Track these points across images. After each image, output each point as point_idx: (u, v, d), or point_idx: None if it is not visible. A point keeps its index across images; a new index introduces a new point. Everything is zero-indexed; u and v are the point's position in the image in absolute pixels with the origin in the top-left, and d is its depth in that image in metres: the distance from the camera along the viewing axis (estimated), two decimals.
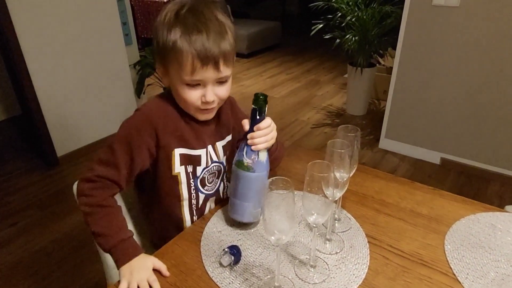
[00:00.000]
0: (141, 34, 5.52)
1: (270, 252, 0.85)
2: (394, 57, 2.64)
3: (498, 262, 0.82)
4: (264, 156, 0.87)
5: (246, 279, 0.78)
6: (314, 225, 0.74)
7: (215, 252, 0.85)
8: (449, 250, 0.85)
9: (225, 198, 1.08)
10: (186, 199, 0.99)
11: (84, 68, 2.74)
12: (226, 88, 0.90)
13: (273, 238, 0.68)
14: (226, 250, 0.81)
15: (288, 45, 6.15)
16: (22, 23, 2.32)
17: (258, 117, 0.85)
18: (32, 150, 2.98)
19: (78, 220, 2.16)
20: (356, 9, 3.17)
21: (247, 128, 0.86)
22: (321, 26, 3.39)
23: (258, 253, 0.85)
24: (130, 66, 3.11)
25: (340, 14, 3.24)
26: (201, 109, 0.89)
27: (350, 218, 0.96)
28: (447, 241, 0.88)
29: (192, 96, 0.86)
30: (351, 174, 0.83)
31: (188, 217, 1.01)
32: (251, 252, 0.85)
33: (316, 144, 3.04)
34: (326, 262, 0.82)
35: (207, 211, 1.04)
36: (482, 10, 2.20)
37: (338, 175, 0.79)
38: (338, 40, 3.34)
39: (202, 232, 0.92)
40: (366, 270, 0.80)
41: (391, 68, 2.78)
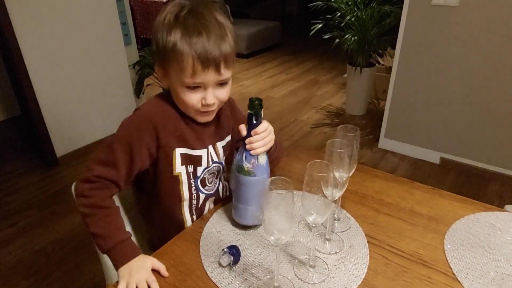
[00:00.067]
0: (140, 34, 5.52)
1: (269, 252, 0.85)
2: (394, 56, 2.64)
3: (498, 261, 0.82)
4: (263, 159, 0.87)
5: (246, 279, 0.78)
6: (313, 225, 0.74)
7: (214, 252, 0.85)
8: (448, 249, 0.85)
9: (224, 198, 1.08)
10: (187, 199, 0.99)
11: (83, 68, 2.74)
12: (226, 90, 0.89)
13: (272, 238, 0.68)
14: (225, 250, 0.81)
15: (287, 45, 6.15)
16: (21, 24, 2.32)
17: (254, 121, 0.85)
18: (31, 150, 2.98)
19: (77, 220, 2.16)
20: (355, 8, 3.17)
21: (245, 133, 0.86)
22: (320, 26, 3.39)
23: (257, 253, 0.85)
24: (129, 66, 3.11)
25: (339, 14, 3.24)
26: (201, 111, 0.89)
27: (349, 218, 0.96)
28: (447, 240, 0.88)
29: (192, 98, 0.86)
30: (351, 174, 0.83)
31: (188, 217, 1.01)
32: (250, 252, 0.85)
33: (315, 144, 3.04)
34: (325, 262, 0.82)
35: (207, 211, 1.04)
36: (481, 10, 2.20)
37: (337, 175, 0.79)
38: (338, 40, 3.34)
39: (201, 232, 0.92)
40: (365, 270, 0.80)
41: (391, 67, 2.78)
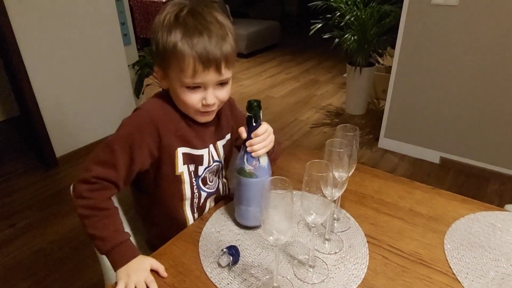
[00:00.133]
0: (140, 34, 5.52)
1: (268, 252, 0.85)
2: (393, 56, 2.64)
3: (497, 261, 0.82)
4: (264, 160, 0.87)
5: (245, 280, 0.78)
6: (313, 225, 0.74)
7: (214, 252, 0.85)
8: (448, 249, 0.85)
9: (224, 196, 1.08)
10: (189, 198, 0.98)
11: (82, 68, 2.73)
12: (226, 90, 0.89)
13: (271, 238, 0.68)
14: (225, 250, 0.81)
15: (287, 44, 6.15)
16: (20, 24, 2.32)
17: (254, 123, 0.85)
18: (31, 151, 2.98)
19: (77, 221, 2.14)
20: (355, 8, 3.17)
21: (245, 136, 0.86)
22: (320, 25, 3.39)
23: (256, 253, 0.85)
24: (129, 66, 3.11)
25: (339, 13, 3.24)
26: (201, 111, 0.89)
27: (349, 218, 0.96)
28: (447, 240, 0.88)
29: (192, 99, 0.85)
30: (350, 174, 0.83)
31: (190, 215, 1.01)
32: (250, 252, 0.85)
33: (315, 143, 3.03)
34: (325, 262, 0.82)
35: (207, 209, 1.04)
36: (481, 9, 2.20)
37: (337, 175, 0.78)
38: (337, 39, 3.34)
39: (201, 232, 0.92)
40: (365, 270, 0.80)
41: (390, 67, 2.78)
